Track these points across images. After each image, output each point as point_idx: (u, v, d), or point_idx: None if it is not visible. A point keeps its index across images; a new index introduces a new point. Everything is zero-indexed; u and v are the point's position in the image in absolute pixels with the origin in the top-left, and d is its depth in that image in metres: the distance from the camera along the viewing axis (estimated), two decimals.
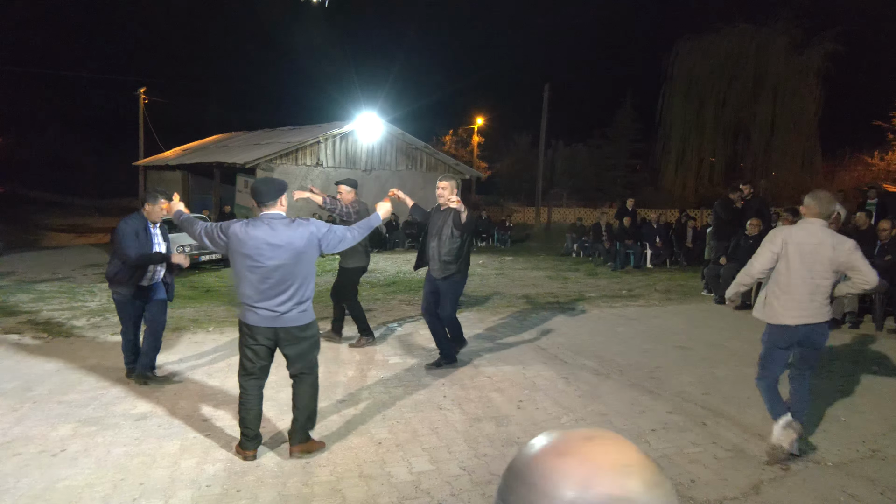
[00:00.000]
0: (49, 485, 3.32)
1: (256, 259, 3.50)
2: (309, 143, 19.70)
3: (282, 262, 3.52)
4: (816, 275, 3.73)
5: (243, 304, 3.60)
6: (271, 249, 3.50)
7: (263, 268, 3.51)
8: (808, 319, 3.77)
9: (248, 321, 3.59)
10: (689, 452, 3.82)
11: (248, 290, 3.55)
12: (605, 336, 6.95)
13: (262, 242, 3.50)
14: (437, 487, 3.35)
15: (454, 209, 5.21)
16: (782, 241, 3.87)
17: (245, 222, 3.60)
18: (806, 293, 3.75)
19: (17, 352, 6.02)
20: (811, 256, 3.73)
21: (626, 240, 14.01)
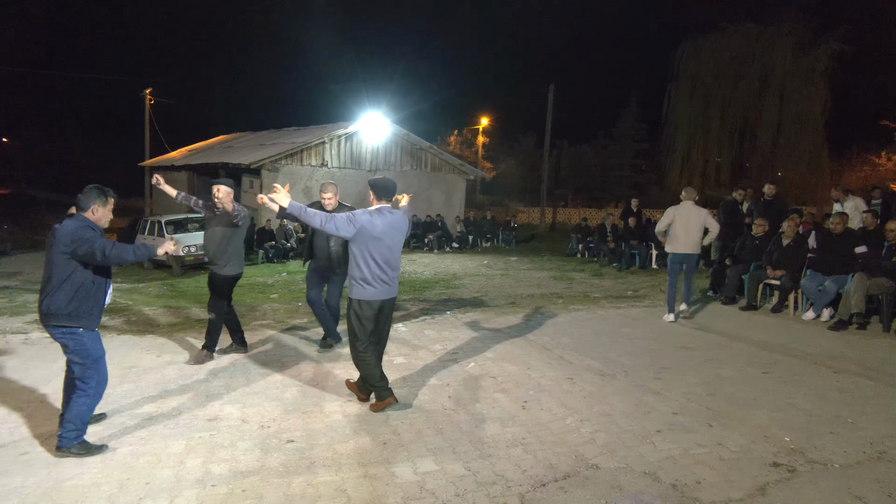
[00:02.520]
0: (55, 484, 3.34)
1: (386, 240, 4.38)
2: (314, 143, 19.73)
3: (398, 243, 4.52)
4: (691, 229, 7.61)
5: (365, 283, 4.38)
6: (396, 233, 4.47)
7: (389, 247, 4.42)
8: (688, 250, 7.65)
9: (370, 297, 4.41)
10: (695, 453, 3.81)
11: (375, 268, 4.38)
12: (610, 337, 6.93)
13: (388, 227, 4.40)
14: (441, 488, 3.35)
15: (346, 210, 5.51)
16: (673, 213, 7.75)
17: (369, 212, 4.40)
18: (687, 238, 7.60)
19: (24, 351, 6.05)
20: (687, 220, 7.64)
21: (631, 240, 13.98)
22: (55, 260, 3.74)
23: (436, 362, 5.79)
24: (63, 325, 3.74)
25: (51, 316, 3.74)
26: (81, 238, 3.69)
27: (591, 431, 4.15)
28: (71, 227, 3.75)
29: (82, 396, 3.77)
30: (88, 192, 3.94)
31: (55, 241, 3.74)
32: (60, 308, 3.72)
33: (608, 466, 3.62)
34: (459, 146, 46.79)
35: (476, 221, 23.29)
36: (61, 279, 3.73)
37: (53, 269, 3.75)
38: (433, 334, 6.94)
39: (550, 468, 3.59)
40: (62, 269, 3.73)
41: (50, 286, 3.74)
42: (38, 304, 3.80)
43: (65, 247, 3.70)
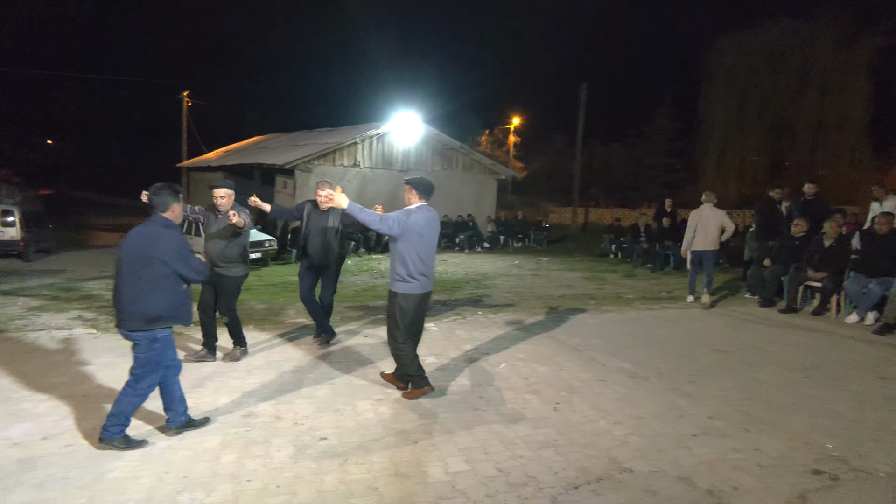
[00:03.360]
0: (97, 476, 3.44)
1: (427, 237, 4.66)
2: (346, 143, 19.92)
3: (435, 239, 4.79)
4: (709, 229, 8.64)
5: (410, 278, 4.60)
6: (434, 230, 4.76)
7: (430, 244, 4.70)
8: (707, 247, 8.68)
9: (413, 290, 4.65)
10: (732, 459, 3.73)
11: (419, 264, 4.62)
12: (643, 339, 6.84)
13: (429, 224, 4.69)
14: (472, 488, 3.34)
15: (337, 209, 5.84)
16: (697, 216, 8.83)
17: (412, 211, 4.66)
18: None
19: (68, 347, 6.24)
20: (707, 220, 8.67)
21: (665, 240, 13.77)
22: (136, 264, 3.73)
23: (466, 362, 5.79)
24: (145, 329, 3.78)
25: (134, 319, 3.76)
26: (180, 252, 3.77)
27: (624, 434, 4.10)
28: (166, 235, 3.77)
29: (130, 395, 3.84)
30: (163, 192, 3.93)
31: (140, 245, 3.74)
32: (157, 312, 3.76)
33: (641, 470, 3.57)
34: (490, 146, 46.70)
35: (507, 221, 23.22)
36: (148, 283, 3.73)
37: (139, 274, 3.73)
38: (464, 334, 6.94)
39: (582, 471, 3.56)
40: (150, 273, 3.73)
41: (134, 290, 3.73)
42: (119, 305, 3.80)
43: (158, 252, 3.71)
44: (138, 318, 3.76)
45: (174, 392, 4.07)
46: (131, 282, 3.76)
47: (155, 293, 3.76)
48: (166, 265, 3.75)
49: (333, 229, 6.11)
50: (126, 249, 3.80)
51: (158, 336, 3.83)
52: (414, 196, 4.77)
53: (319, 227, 6.10)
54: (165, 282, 3.78)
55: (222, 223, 5.59)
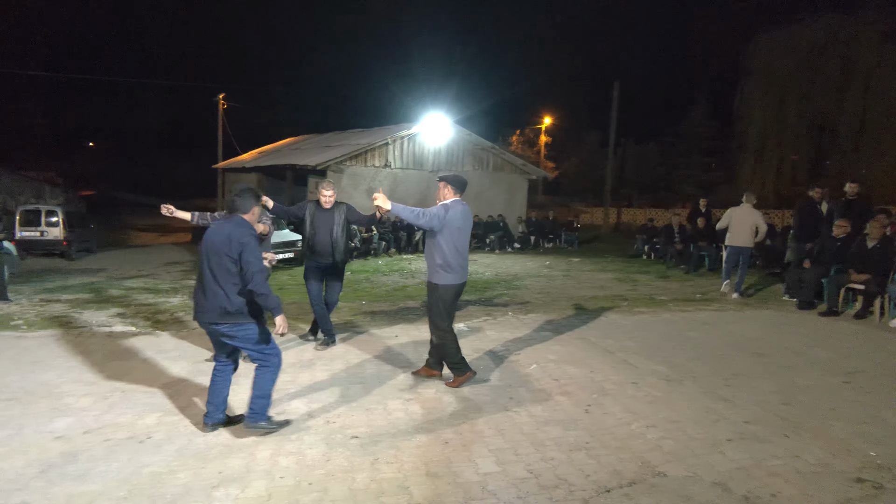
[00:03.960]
0: (136, 469, 3.53)
1: (465, 230, 4.98)
2: (377, 144, 20.04)
3: (469, 232, 5.10)
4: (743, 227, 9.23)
5: (450, 269, 4.89)
6: (469, 223, 5.07)
7: (466, 235, 5.03)
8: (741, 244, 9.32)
9: (453, 281, 4.95)
10: (769, 465, 3.64)
11: (457, 256, 4.93)
12: (677, 341, 6.72)
13: (465, 218, 5.00)
14: (503, 489, 3.33)
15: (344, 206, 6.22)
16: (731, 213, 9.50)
17: (451, 204, 4.92)
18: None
19: (109, 343, 6.42)
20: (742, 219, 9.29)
21: (699, 241, 13.51)
22: (220, 261, 3.83)
23: (497, 363, 5.77)
24: (237, 322, 3.89)
25: (226, 314, 3.86)
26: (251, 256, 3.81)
27: (658, 438, 4.03)
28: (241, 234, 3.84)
29: (266, 370, 4.00)
30: (245, 195, 4.04)
31: (227, 242, 3.82)
32: (235, 305, 3.85)
33: (675, 475, 3.51)
34: (521, 146, 46.50)
35: (538, 222, 23.07)
36: (230, 280, 3.85)
37: (220, 270, 3.84)
38: (494, 335, 6.92)
39: (615, 474, 3.52)
40: (229, 270, 3.84)
41: (223, 285, 3.84)
42: (203, 302, 3.90)
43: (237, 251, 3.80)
44: (220, 312, 3.87)
45: (223, 391, 4.15)
46: (213, 278, 3.86)
47: (234, 289, 3.86)
48: (237, 263, 3.85)
49: (340, 227, 6.16)
50: (208, 247, 3.91)
51: (246, 325, 3.93)
52: (449, 191, 5.05)
53: (327, 226, 6.13)
54: (236, 277, 3.87)
55: None
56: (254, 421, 4.01)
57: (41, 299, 9.19)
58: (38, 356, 5.89)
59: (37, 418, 4.28)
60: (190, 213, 5.64)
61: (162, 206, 5.53)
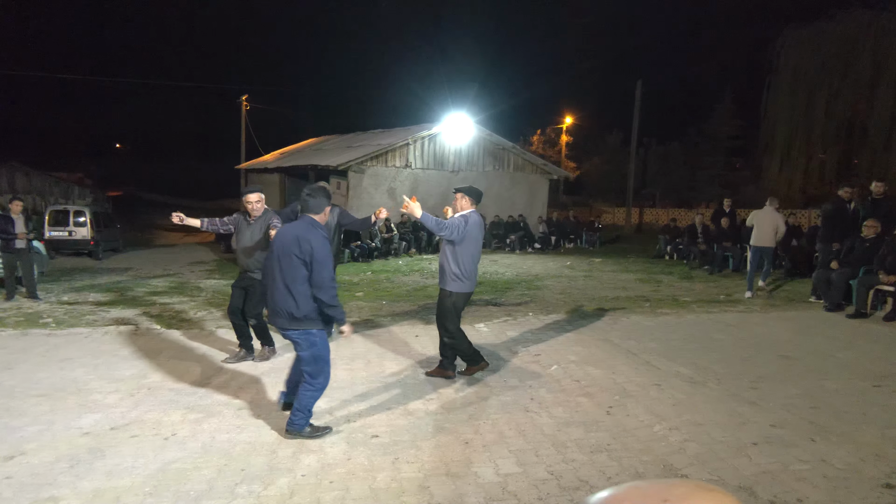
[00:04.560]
0: (162, 466, 3.58)
1: (479, 240, 5.18)
2: (398, 145, 20.10)
3: (482, 240, 5.29)
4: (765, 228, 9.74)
5: (465, 279, 5.07)
6: (482, 232, 5.27)
7: (480, 245, 5.21)
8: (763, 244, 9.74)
9: (467, 290, 5.16)
10: (796, 469, 3.57)
11: (471, 266, 5.12)
12: (701, 342, 6.63)
13: (481, 229, 5.22)
14: (524, 490, 3.32)
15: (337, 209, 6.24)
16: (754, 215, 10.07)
17: (469, 215, 5.08)
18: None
19: (135, 342, 6.53)
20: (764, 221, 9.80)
21: (724, 242, 13.31)
22: (290, 263, 3.77)
23: (517, 364, 5.76)
24: (296, 328, 3.87)
25: (284, 317, 3.85)
26: (322, 260, 3.75)
27: (681, 440, 3.98)
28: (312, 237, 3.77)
29: (309, 390, 3.96)
30: (318, 194, 3.97)
31: (296, 244, 3.76)
32: (303, 311, 3.81)
33: (699, 478, 3.46)
34: (542, 146, 46.28)
35: (559, 222, 22.95)
36: (299, 283, 3.79)
37: (288, 273, 3.79)
38: (515, 335, 6.90)
39: (637, 477, 3.48)
40: (298, 273, 3.77)
41: (291, 289, 3.78)
42: (272, 304, 3.89)
43: (308, 253, 3.74)
44: (287, 317, 3.84)
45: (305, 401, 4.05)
46: (282, 281, 3.82)
47: (304, 293, 3.79)
48: (307, 266, 3.77)
49: (333, 229, 6.16)
50: (277, 249, 3.88)
51: (314, 334, 3.89)
52: (466, 202, 5.21)
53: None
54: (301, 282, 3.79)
55: (255, 229, 5.54)
56: (295, 429, 3.97)
57: (69, 298, 9.38)
58: (66, 354, 6.01)
59: (66, 414, 4.38)
60: (199, 220, 5.78)
61: (172, 215, 5.62)
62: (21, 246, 9.09)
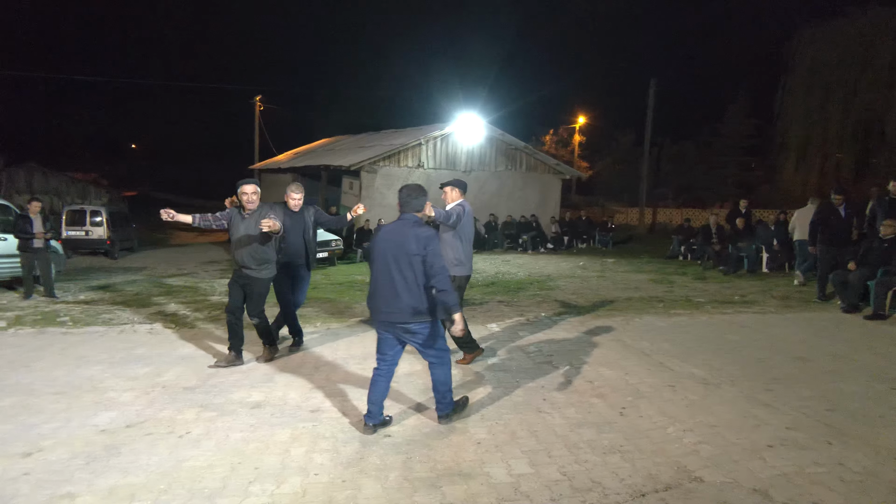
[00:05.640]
0: (176, 464, 3.61)
1: (471, 225, 5.71)
2: (411, 145, 20.15)
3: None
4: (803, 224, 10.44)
5: (461, 263, 5.46)
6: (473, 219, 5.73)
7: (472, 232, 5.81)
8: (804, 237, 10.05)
9: (465, 272, 5.65)
10: (812, 473, 3.53)
11: (467, 249, 5.59)
12: (715, 344, 6.58)
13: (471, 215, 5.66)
14: (536, 491, 3.31)
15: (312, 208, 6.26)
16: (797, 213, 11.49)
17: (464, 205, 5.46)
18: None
19: (149, 340, 6.60)
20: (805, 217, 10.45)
21: (739, 242, 13.20)
22: (409, 261, 3.93)
23: (530, 364, 5.74)
24: (424, 320, 4.03)
25: (417, 314, 3.98)
26: (436, 252, 3.96)
27: (695, 442, 3.96)
28: (424, 232, 3.97)
29: (442, 368, 4.17)
30: (420, 194, 4.15)
31: (414, 242, 3.92)
32: (427, 303, 3.99)
33: (713, 480, 3.43)
34: (555, 145, 46.12)
35: (571, 222, 22.87)
36: (419, 279, 3.96)
37: (410, 270, 3.94)
38: (527, 335, 6.89)
39: (650, 478, 3.46)
40: (413, 270, 3.94)
41: (412, 284, 3.94)
42: (393, 303, 3.96)
43: (424, 250, 3.92)
44: (412, 312, 3.97)
45: (385, 391, 4.20)
46: (404, 279, 3.95)
47: (419, 288, 3.96)
48: (427, 260, 3.94)
49: (311, 229, 6.12)
50: (391, 250, 3.99)
51: (433, 323, 4.09)
52: (456, 193, 5.66)
53: (299, 229, 6.02)
54: (421, 277, 3.98)
55: (251, 224, 5.35)
56: (447, 411, 4.24)
57: (86, 297, 9.49)
58: (83, 352, 6.09)
59: (82, 412, 4.43)
60: (191, 217, 5.49)
61: (162, 211, 5.30)
62: (39, 245, 9.21)
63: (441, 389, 4.22)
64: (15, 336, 6.81)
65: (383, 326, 4.11)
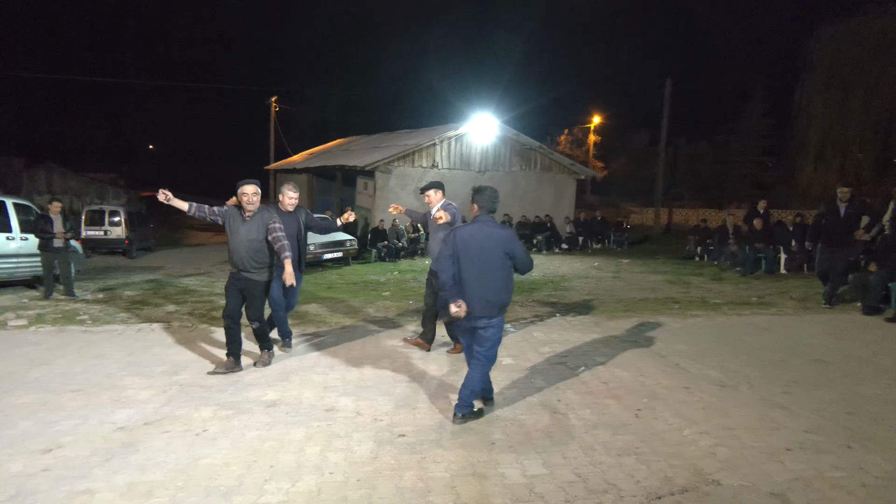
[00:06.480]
0: (192, 461, 3.65)
1: None
2: (425, 145, 20.16)
3: None
4: None
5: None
6: None
7: None
8: None
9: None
10: (831, 477, 3.48)
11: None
12: (732, 345, 6.51)
13: None
14: (550, 492, 3.30)
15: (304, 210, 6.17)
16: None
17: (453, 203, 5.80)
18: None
19: (167, 339, 6.67)
20: None
21: (756, 243, 13.05)
22: (498, 258, 4.19)
23: (544, 365, 5.72)
24: (497, 315, 4.27)
25: (499, 307, 4.23)
26: (522, 248, 4.29)
27: (711, 445, 3.92)
28: (505, 232, 4.28)
29: (485, 366, 4.35)
30: (490, 194, 4.38)
31: (500, 241, 4.19)
32: (505, 300, 4.26)
33: (730, 483, 3.40)
34: (570, 145, 45.92)
35: (586, 222, 22.76)
36: (505, 275, 4.23)
37: (497, 267, 4.20)
38: (541, 336, 6.86)
39: (666, 481, 3.43)
40: (501, 268, 4.21)
41: (490, 283, 4.18)
42: (486, 298, 4.17)
43: (510, 247, 4.20)
44: (495, 307, 4.21)
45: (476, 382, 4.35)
46: (487, 276, 4.18)
47: (506, 285, 4.24)
48: (510, 258, 4.22)
49: (303, 231, 6.07)
50: (479, 248, 4.20)
51: (500, 321, 4.31)
52: (440, 195, 5.92)
53: (293, 229, 5.87)
54: (510, 273, 4.28)
55: (252, 227, 5.26)
56: (465, 412, 4.30)
57: (104, 296, 9.61)
58: (101, 350, 6.17)
59: (100, 409, 4.49)
60: (187, 204, 5.36)
61: (159, 192, 5.11)
62: (59, 245, 9.34)
63: (471, 387, 4.30)
64: (36, 334, 6.92)
65: (469, 321, 4.28)
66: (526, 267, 4.34)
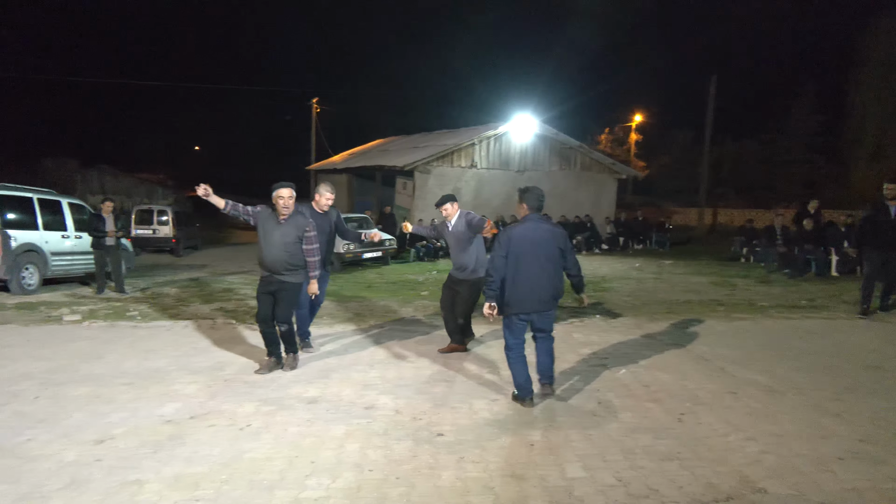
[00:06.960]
0: (236, 455, 3.73)
1: None
2: (464, 145, 20.17)
3: None
4: None
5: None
6: None
7: None
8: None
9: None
10: (887, 489, 3.34)
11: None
12: (779, 350, 6.32)
13: None
14: (590, 496, 3.26)
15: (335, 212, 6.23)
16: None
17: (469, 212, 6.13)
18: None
19: (212, 335, 6.84)
20: None
21: (806, 244, 12.63)
22: (553, 253, 4.53)
23: (584, 366, 5.66)
24: (556, 305, 4.67)
25: (553, 301, 4.60)
26: (571, 245, 4.72)
27: (758, 452, 3.81)
28: (558, 229, 4.66)
29: (551, 341, 4.81)
30: (537, 193, 4.66)
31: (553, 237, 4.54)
32: (561, 293, 4.65)
33: (777, 492, 3.30)
34: (610, 144, 45.28)
35: (627, 222, 22.40)
36: (559, 268, 4.60)
37: (553, 261, 4.54)
38: (581, 338, 6.79)
39: (710, 487, 3.35)
40: (556, 263, 4.57)
41: (555, 274, 4.55)
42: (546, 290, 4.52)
43: (563, 243, 4.58)
44: (555, 300, 4.61)
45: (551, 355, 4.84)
46: (542, 271, 4.48)
47: (561, 277, 4.63)
48: (565, 252, 4.59)
49: (333, 231, 6.17)
50: (535, 244, 4.49)
51: (556, 309, 4.71)
52: (455, 206, 6.06)
53: (325, 230, 5.88)
54: (561, 268, 4.63)
55: (287, 231, 5.23)
56: (552, 381, 4.82)
57: (153, 293, 9.93)
58: (150, 345, 6.37)
59: (149, 402, 4.63)
60: (224, 201, 5.26)
61: (200, 186, 5.11)
62: (111, 243, 9.69)
63: (546, 362, 4.75)
64: (88, 329, 7.19)
65: (526, 314, 4.56)
66: (575, 266, 4.64)
